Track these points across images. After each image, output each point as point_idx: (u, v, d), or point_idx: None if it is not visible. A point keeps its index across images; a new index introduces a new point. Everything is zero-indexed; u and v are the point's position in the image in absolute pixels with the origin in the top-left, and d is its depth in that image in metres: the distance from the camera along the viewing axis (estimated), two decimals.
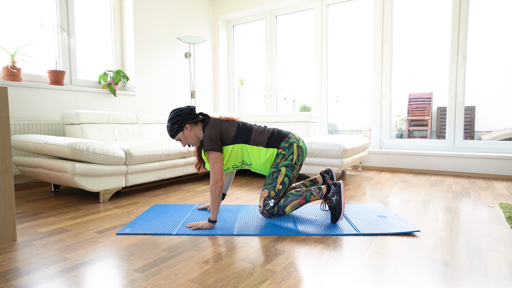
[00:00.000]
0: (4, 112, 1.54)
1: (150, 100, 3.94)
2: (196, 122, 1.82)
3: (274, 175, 1.78)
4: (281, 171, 1.77)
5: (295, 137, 1.85)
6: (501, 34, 6.29)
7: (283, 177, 1.77)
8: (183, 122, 1.78)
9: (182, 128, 1.78)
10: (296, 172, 1.81)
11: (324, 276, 1.20)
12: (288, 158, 1.78)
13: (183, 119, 1.77)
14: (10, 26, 2.85)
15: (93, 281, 1.17)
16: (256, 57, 8.14)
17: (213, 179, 1.69)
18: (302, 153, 1.83)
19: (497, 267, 1.27)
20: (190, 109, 1.81)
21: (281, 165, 1.78)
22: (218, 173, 1.69)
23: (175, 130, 1.78)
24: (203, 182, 3.12)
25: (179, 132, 1.79)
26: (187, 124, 1.79)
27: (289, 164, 1.78)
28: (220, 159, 1.71)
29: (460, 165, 3.41)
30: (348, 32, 8.48)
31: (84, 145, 2.16)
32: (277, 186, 1.76)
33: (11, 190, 1.57)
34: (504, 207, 2.09)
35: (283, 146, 1.80)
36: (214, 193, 1.69)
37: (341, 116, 8.51)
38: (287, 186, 1.78)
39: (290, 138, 1.82)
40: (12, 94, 2.75)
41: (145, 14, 3.83)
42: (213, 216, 1.72)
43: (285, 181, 1.77)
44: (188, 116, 1.79)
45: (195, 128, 1.82)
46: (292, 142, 1.81)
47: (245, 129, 1.81)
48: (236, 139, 1.77)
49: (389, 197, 2.42)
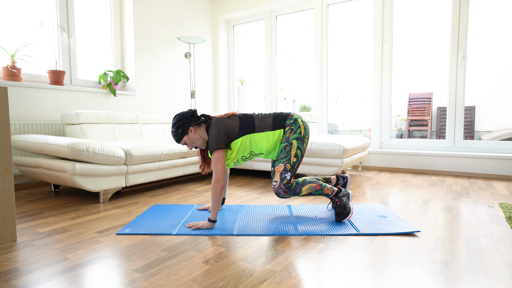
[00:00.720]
0: (4, 112, 1.54)
1: (150, 100, 3.94)
2: (199, 124, 1.84)
3: (287, 148, 1.80)
4: (293, 144, 1.80)
5: (297, 115, 1.91)
6: (501, 34, 6.29)
7: (296, 149, 1.80)
8: (187, 125, 1.79)
9: (186, 131, 1.79)
10: (306, 146, 1.86)
11: (324, 276, 1.20)
12: (297, 132, 1.82)
13: (186, 122, 1.79)
14: (10, 26, 2.85)
15: (93, 281, 1.17)
16: (256, 57, 8.14)
17: (215, 178, 1.70)
18: (307, 127, 1.88)
19: (497, 267, 1.27)
20: (192, 112, 1.82)
21: (292, 138, 1.81)
22: (220, 172, 1.69)
23: (180, 134, 1.80)
24: (203, 182, 3.12)
25: (184, 136, 1.81)
26: (191, 127, 1.80)
27: (299, 137, 1.82)
28: (223, 158, 1.71)
29: (460, 165, 3.41)
30: (348, 32, 8.48)
31: (84, 145, 2.16)
32: (291, 158, 1.79)
33: (11, 190, 1.57)
34: (504, 207, 2.09)
35: (289, 123, 1.84)
36: (215, 192, 1.70)
37: (341, 116, 8.51)
38: (299, 159, 1.82)
39: (293, 115, 1.87)
40: (12, 94, 2.75)
41: (145, 14, 3.83)
42: (213, 215, 1.72)
43: (298, 153, 1.81)
44: (191, 118, 1.80)
45: (199, 130, 1.83)
46: (296, 118, 1.86)
47: (247, 119, 1.83)
48: (241, 132, 1.79)
49: (389, 197, 2.42)
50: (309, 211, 2.05)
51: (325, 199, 2.37)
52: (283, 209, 2.09)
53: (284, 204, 2.22)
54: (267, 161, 3.18)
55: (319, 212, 2.03)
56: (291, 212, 2.03)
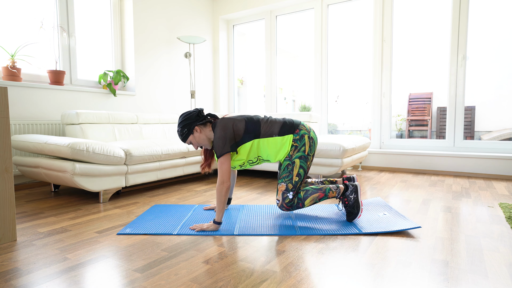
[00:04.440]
0: (4, 112, 1.54)
1: (150, 100, 3.94)
2: (205, 124, 1.83)
3: (289, 167, 1.79)
4: (296, 163, 1.78)
5: (306, 128, 1.85)
6: (501, 34, 6.29)
7: (298, 168, 1.78)
8: (192, 125, 1.78)
9: (192, 131, 1.79)
10: (310, 163, 1.83)
11: (324, 276, 1.20)
12: (301, 150, 1.79)
13: (192, 121, 1.79)
14: (10, 26, 2.85)
15: (93, 281, 1.17)
16: (256, 57, 8.14)
17: (220, 179, 1.68)
18: (313, 143, 1.84)
19: (497, 267, 1.27)
20: (198, 111, 1.81)
21: (295, 157, 1.79)
22: (225, 174, 1.68)
23: (185, 133, 1.80)
24: (203, 182, 3.12)
25: (190, 135, 1.80)
26: (197, 126, 1.80)
27: (302, 156, 1.79)
28: (228, 160, 1.70)
29: (460, 165, 3.41)
30: (348, 32, 8.48)
31: (84, 145, 2.16)
32: (293, 178, 1.78)
33: (11, 190, 1.57)
34: (504, 207, 2.09)
35: (295, 138, 1.80)
36: (220, 193, 1.68)
37: (341, 116, 8.51)
38: (302, 177, 1.80)
39: (301, 130, 1.82)
40: (12, 94, 2.75)
41: (145, 14, 3.83)
42: (218, 217, 1.71)
43: (300, 172, 1.79)
44: (197, 118, 1.80)
45: (205, 130, 1.82)
46: (303, 134, 1.82)
47: (253, 123, 1.80)
48: (247, 136, 1.77)
49: (389, 197, 2.42)
50: (310, 210, 2.05)
51: (329, 200, 2.37)
52: None
53: None
54: None
55: (320, 211, 2.03)
56: (291, 212, 2.03)
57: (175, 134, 3.60)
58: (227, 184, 1.68)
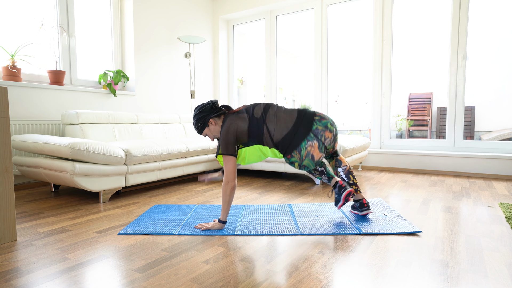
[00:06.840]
0: (4, 112, 1.54)
1: (150, 100, 3.94)
2: (219, 116, 1.82)
3: None
4: None
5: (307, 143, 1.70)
6: (501, 34, 6.29)
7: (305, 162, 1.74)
8: (207, 118, 1.79)
9: (206, 123, 1.80)
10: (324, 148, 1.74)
11: (324, 276, 1.20)
12: (295, 164, 1.76)
13: (206, 114, 1.79)
14: (10, 26, 2.85)
15: (93, 281, 1.17)
16: (256, 57, 8.14)
17: (225, 179, 1.68)
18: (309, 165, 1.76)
19: (497, 267, 1.27)
20: (212, 103, 1.81)
21: None
22: (230, 174, 1.67)
23: (201, 126, 1.81)
24: (203, 182, 3.12)
25: (205, 128, 1.81)
26: (211, 119, 1.80)
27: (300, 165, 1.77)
28: (232, 160, 1.69)
29: (460, 165, 3.41)
30: (348, 32, 8.48)
31: (84, 145, 2.16)
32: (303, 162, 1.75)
33: (11, 190, 1.57)
34: (504, 207, 2.09)
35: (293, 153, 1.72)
36: (225, 193, 1.68)
37: (341, 116, 8.51)
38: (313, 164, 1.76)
39: (301, 146, 1.69)
40: (12, 94, 2.75)
41: (145, 14, 3.83)
42: (223, 216, 1.71)
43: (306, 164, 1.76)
44: (211, 111, 1.80)
45: (220, 122, 1.82)
46: (301, 147, 1.70)
47: (256, 126, 1.73)
48: (250, 141, 1.74)
49: (389, 197, 2.42)
50: (310, 210, 2.05)
51: (329, 199, 2.37)
52: (284, 209, 2.09)
53: (285, 204, 2.22)
54: (267, 161, 3.17)
55: (320, 211, 2.03)
56: (291, 211, 2.03)
57: (175, 134, 3.60)
58: (232, 184, 1.67)
